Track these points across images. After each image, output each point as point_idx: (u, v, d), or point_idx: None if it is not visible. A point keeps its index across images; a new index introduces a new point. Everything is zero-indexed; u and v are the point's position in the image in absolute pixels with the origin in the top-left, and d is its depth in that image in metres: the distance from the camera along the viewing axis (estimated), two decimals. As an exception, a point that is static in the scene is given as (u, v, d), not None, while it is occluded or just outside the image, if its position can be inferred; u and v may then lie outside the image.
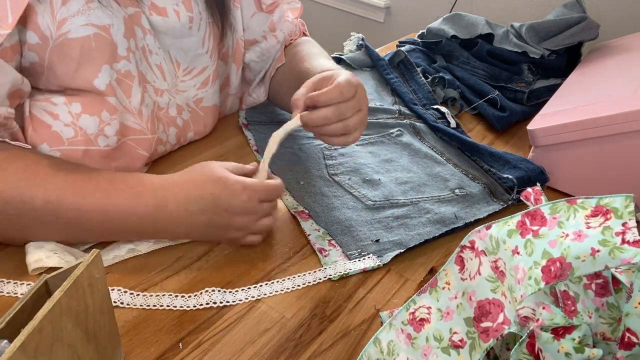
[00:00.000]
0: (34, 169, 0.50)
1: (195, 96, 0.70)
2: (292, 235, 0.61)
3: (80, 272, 0.35)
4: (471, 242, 0.41)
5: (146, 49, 0.61)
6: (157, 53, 0.62)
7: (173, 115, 0.68)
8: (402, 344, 0.43)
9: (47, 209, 0.49)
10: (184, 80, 0.67)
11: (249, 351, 0.47)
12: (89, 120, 0.56)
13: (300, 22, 0.83)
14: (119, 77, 0.58)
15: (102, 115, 0.57)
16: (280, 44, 0.78)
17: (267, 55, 0.78)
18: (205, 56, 0.68)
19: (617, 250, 0.32)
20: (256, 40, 0.77)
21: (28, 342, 0.30)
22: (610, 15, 1.22)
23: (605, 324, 0.35)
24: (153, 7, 0.60)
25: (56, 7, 0.52)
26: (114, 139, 0.59)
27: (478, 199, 0.69)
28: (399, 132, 0.82)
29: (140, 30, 0.59)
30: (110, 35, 0.55)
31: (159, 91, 0.64)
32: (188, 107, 0.70)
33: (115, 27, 0.56)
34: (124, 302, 0.50)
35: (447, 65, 1.02)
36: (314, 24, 2.01)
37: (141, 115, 0.61)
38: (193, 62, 0.67)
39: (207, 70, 0.69)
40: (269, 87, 0.82)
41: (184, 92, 0.68)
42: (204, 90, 0.70)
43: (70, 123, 0.56)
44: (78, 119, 0.56)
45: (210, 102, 0.73)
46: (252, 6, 0.74)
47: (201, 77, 0.69)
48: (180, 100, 0.68)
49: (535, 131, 0.73)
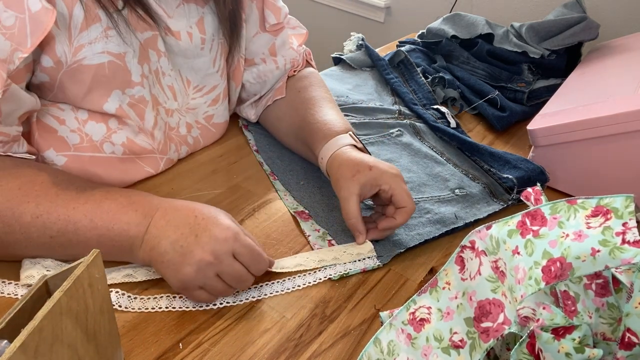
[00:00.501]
0: (27, 188, 0.49)
1: (206, 113, 0.70)
2: (292, 235, 0.61)
3: (80, 272, 0.35)
4: (471, 242, 0.41)
5: (159, 71, 0.61)
6: (170, 75, 0.63)
7: (184, 134, 0.68)
8: (402, 344, 0.43)
9: (35, 223, 0.48)
10: (195, 97, 0.68)
11: (249, 351, 0.47)
12: (96, 127, 0.57)
13: (306, 50, 0.81)
14: (131, 102, 0.58)
15: (109, 123, 0.57)
16: (279, 70, 0.76)
17: (264, 79, 0.76)
18: (216, 75, 0.68)
19: (617, 251, 0.32)
20: (254, 62, 0.75)
21: (28, 342, 0.30)
22: (610, 15, 1.22)
23: (606, 324, 0.35)
24: (167, 29, 0.59)
25: (74, 33, 0.51)
26: (119, 148, 0.59)
27: (478, 199, 0.69)
28: (399, 132, 0.82)
29: (154, 54, 0.59)
30: (124, 62, 0.55)
31: (170, 111, 0.65)
32: (197, 124, 0.70)
33: (130, 54, 0.56)
34: (122, 305, 0.49)
35: (447, 65, 1.02)
36: (314, 24, 2.01)
37: (154, 138, 0.62)
38: (203, 81, 0.67)
39: (217, 88, 0.70)
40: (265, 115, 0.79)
41: (193, 110, 0.68)
42: (214, 107, 0.71)
43: (76, 129, 0.56)
44: (84, 125, 0.56)
45: (222, 118, 0.73)
46: (255, 26, 0.73)
47: (212, 95, 0.69)
48: (190, 118, 0.68)
49: (535, 131, 0.73)
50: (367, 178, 0.57)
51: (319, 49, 1.87)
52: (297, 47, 0.77)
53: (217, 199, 0.65)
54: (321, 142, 0.64)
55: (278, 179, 0.70)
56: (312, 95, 0.73)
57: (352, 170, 0.58)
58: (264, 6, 0.72)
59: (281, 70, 0.76)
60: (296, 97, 0.74)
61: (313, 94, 0.74)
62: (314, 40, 2.01)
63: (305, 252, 0.58)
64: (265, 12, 0.72)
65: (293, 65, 0.77)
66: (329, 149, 0.63)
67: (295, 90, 0.75)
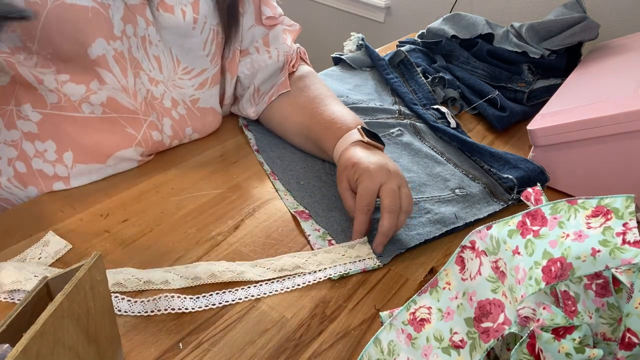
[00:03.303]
0: None
1: (192, 96, 0.71)
2: (292, 235, 0.61)
3: (82, 275, 0.35)
4: (472, 242, 0.41)
5: (146, 39, 0.62)
6: (157, 45, 0.64)
7: (168, 107, 0.68)
8: (402, 344, 0.43)
9: None
10: (182, 78, 0.69)
11: (249, 351, 0.47)
12: (76, 88, 0.58)
13: (301, 49, 0.81)
14: (116, 55, 0.59)
15: (90, 85, 0.58)
16: (272, 61, 0.76)
17: (257, 68, 0.76)
18: (206, 59, 0.70)
19: (617, 251, 0.32)
20: (248, 52, 0.76)
21: (30, 346, 0.30)
22: (610, 15, 1.22)
23: (606, 324, 0.35)
24: (162, 4, 0.61)
25: None
26: (99, 108, 0.60)
27: (478, 199, 0.69)
28: (399, 132, 0.82)
29: (143, 21, 0.61)
30: (108, 14, 0.57)
31: (154, 81, 0.65)
32: (184, 104, 0.70)
33: (114, 8, 0.57)
34: (122, 310, 0.49)
35: (447, 65, 1.01)
36: (314, 24, 2.01)
37: (136, 97, 0.62)
38: (193, 63, 0.68)
39: (206, 72, 0.71)
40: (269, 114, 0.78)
41: (181, 89, 0.69)
42: (201, 91, 0.72)
43: (54, 89, 0.57)
44: (63, 86, 0.57)
45: (208, 104, 0.73)
46: (251, 19, 0.75)
47: (199, 79, 0.70)
48: (177, 95, 0.69)
49: (535, 131, 0.73)
50: (350, 174, 0.60)
51: (319, 49, 1.87)
52: (290, 43, 0.79)
53: (217, 199, 0.65)
54: (333, 142, 0.66)
55: (278, 179, 0.70)
56: (317, 94, 0.74)
57: (342, 167, 0.62)
58: (260, 2, 0.74)
59: (274, 61, 0.76)
60: (301, 96, 0.75)
61: (317, 92, 0.75)
62: (314, 40, 2.01)
63: (305, 253, 0.58)
64: (262, 7, 0.74)
65: (287, 59, 0.78)
66: (340, 147, 0.65)
67: (299, 89, 0.76)
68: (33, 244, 0.54)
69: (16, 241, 0.55)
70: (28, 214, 0.59)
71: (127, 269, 0.53)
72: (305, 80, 0.77)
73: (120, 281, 0.52)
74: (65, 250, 0.55)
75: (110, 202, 0.62)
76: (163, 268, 0.54)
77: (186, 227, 0.60)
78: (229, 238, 0.59)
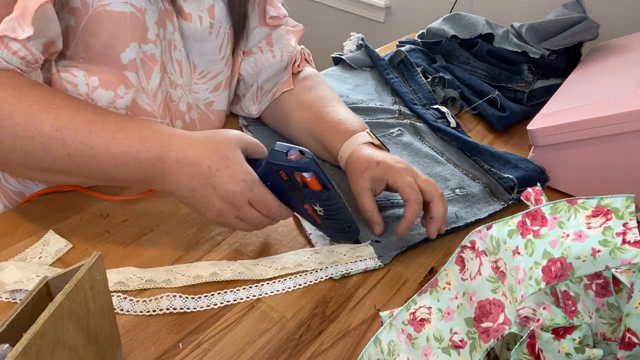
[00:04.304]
0: (49, 97, 0.51)
1: (207, 99, 0.71)
2: (293, 235, 0.61)
3: (82, 275, 0.35)
4: (472, 242, 0.41)
5: (172, 43, 0.63)
6: (180, 50, 0.65)
7: (182, 111, 0.69)
8: (402, 344, 0.43)
9: (54, 136, 0.49)
10: (198, 83, 0.69)
11: (249, 351, 0.47)
12: (104, 94, 0.58)
13: (305, 51, 0.82)
14: (143, 58, 0.60)
15: (118, 90, 0.59)
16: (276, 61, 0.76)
17: (260, 67, 0.76)
18: (221, 62, 0.70)
19: (617, 251, 0.32)
20: (252, 51, 0.76)
21: (30, 346, 0.30)
22: (610, 15, 1.22)
23: (606, 324, 0.35)
24: (181, 13, 0.63)
25: None
26: (122, 112, 0.60)
27: (478, 199, 0.69)
28: (399, 131, 0.82)
29: (171, 25, 0.62)
30: (144, 18, 0.57)
31: (174, 84, 0.66)
32: (197, 108, 0.71)
33: (150, 13, 0.58)
34: (124, 309, 0.49)
35: (447, 65, 1.01)
36: (314, 24, 2.01)
37: (155, 99, 0.63)
38: (208, 67, 0.69)
39: (220, 75, 0.71)
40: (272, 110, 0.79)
41: (196, 94, 0.70)
42: (215, 94, 0.72)
43: (84, 94, 0.57)
44: (93, 92, 0.57)
45: (221, 106, 0.74)
46: (255, 19, 0.75)
47: (214, 82, 0.71)
48: (192, 99, 0.70)
49: (535, 131, 0.73)
50: (375, 173, 0.60)
51: (319, 49, 1.87)
52: (294, 44, 0.79)
53: (217, 199, 0.65)
54: (339, 142, 0.66)
55: (278, 179, 0.70)
56: (323, 94, 0.75)
57: (362, 167, 0.61)
58: (265, 3, 0.74)
59: (277, 61, 0.76)
60: (306, 94, 0.75)
61: (323, 92, 0.75)
62: (314, 40, 2.01)
63: (307, 250, 0.58)
64: (266, 7, 0.75)
65: (291, 59, 0.78)
66: (348, 148, 0.65)
67: (305, 88, 0.76)
68: (33, 244, 0.54)
69: (17, 240, 0.55)
70: (28, 214, 0.59)
71: (128, 268, 0.53)
72: (311, 80, 0.78)
73: (122, 280, 0.52)
74: (65, 249, 0.55)
75: (110, 202, 0.62)
76: (164, 267, 0.54)
77: (186, 227, 0.60)
78: (229, 238, 0.59)
